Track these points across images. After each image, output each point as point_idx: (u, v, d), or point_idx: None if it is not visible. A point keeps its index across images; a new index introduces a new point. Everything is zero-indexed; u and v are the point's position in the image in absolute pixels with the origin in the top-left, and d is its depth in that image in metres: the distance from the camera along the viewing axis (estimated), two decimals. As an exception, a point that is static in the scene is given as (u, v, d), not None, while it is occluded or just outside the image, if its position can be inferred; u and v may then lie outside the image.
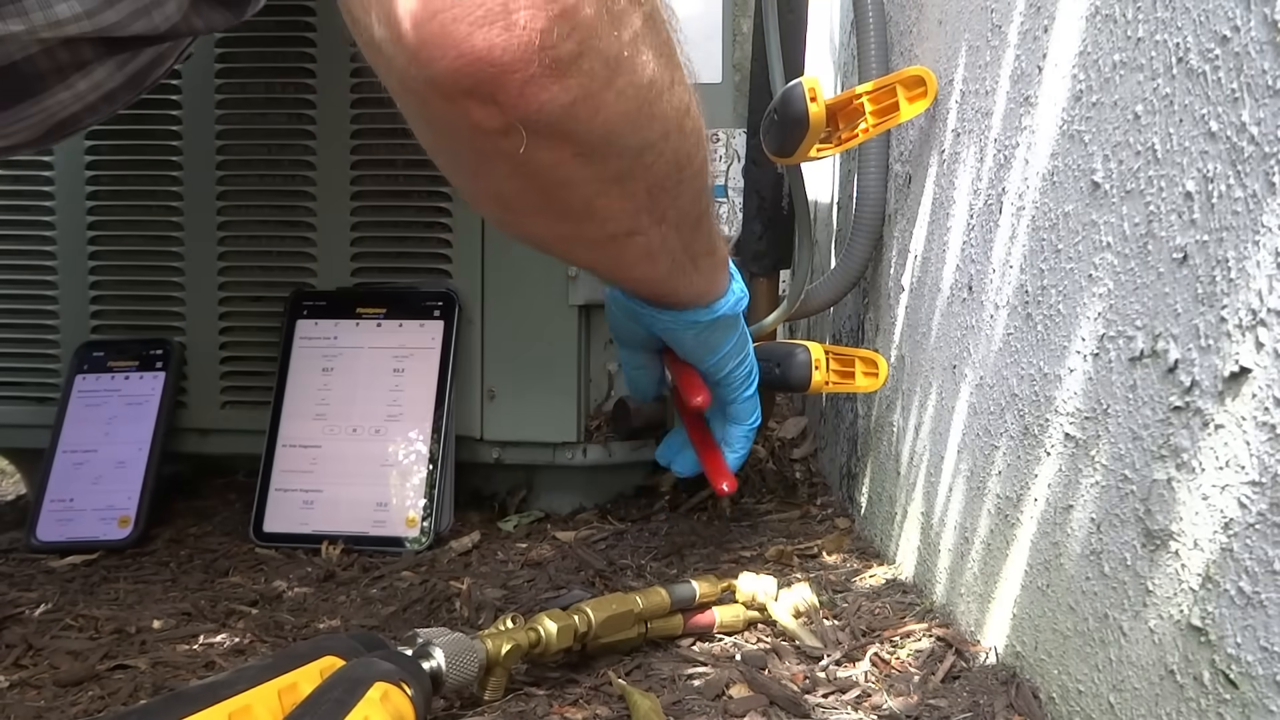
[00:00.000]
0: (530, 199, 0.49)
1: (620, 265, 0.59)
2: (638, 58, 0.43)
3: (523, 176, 0.46)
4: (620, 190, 0.50)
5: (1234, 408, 0.32)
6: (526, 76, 0.38)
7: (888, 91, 0.65)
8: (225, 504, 0.94)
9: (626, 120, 0.44)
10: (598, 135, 0.44)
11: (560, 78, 0.39)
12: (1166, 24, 0.36)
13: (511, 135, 0.41)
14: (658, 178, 0.51)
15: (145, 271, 0.92)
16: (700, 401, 0.69)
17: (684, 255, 0.60)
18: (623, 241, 0.55)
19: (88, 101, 0.58)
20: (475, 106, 0.39)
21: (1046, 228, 0.46)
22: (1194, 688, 0.34)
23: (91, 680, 0.56)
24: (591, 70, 0.40)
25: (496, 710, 0.49)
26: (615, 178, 0.48)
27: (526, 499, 0.94)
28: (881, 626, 0.58)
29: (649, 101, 0.46)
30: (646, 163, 0.49)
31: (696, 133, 0.53)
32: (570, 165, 0.45)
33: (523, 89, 0.39)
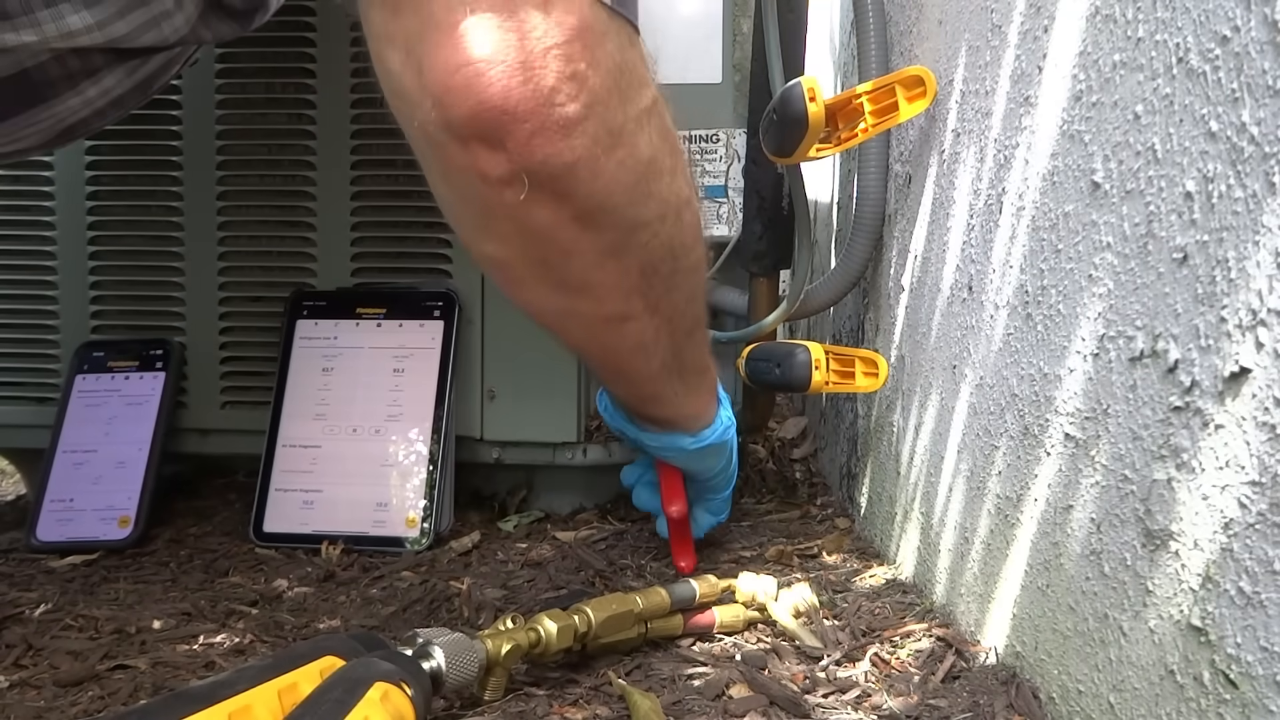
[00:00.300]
0: (530, 264, 0.50)
1: (613, 353, 0.59)
2: (640, 135, 0.46)
3: (524, 237, 0.48)
4: (616, 265, 0.51)
5: (1234, 408, 0.32)
6: (535, 127, 0.41)
7: (887, 91, 0.65)
8: (225, 504, 0.94)
9: (624, 191, 0.47)
10: (596, 200, 0.46)
11: (565, 135, 0.42)
12: (1166, 24, 0.36)
13: (514, 185, 0.43)
14: (652, 259, 0.52)
15: (145, 271, 0.92)
16: (674, 512, 0.70)
17: (674, 361, 0.60)
18: (617, 326, 0.55)
19: (97, 107, 0.59)
20: (484, 153, 0.42)
21: (1046, 228, 0.46)
22: (1194, 688, 0.34)
23: (91, 680, 0.56)
24: (595, 134, 0.43)
25: (496, 710, 0.49)
26: (611, 249, 0.50)
27: (526, 499, 0.94)
28: (881, 626, 0.58)
29: (647, 179, 0.48)
30: (642, 240, 0.51)
31: (694, 229, 0.55)
32: (569, 229, 0.47)
33: (530, 138, 0.41)
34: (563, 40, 0.41)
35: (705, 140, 0.88)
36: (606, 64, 0.42)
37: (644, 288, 0.53)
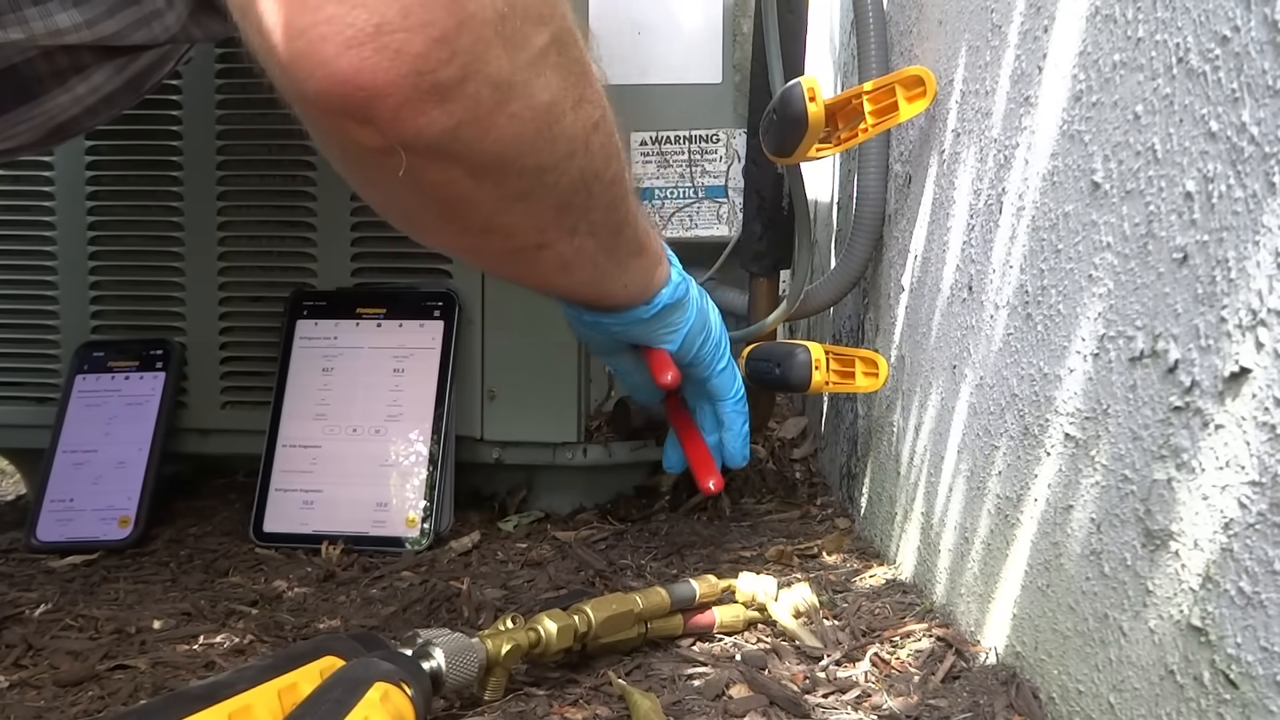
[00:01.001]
0: (429, 214, 0.48)
1: (534, 276, 0.58)
2: (535, 81, 0.42)
3: (416, 193, 0.45)
4: (524, 207, 0.48)
5: (1234, 408, 0.32)
6: (401, 100, 0.37)
7: (887, 91, 0.65)
8: (225, 504, 0.94)
9: (522, 142, 0.43)
10: (491, 157, 0.43)
11: (441, 102, 0.38)
12: (1166, 24, 0.36)
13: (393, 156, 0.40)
14: (564, 194, 0.50)
15: (145, 271, 0.92)
16: (669, 380, 0.67)
17: (607, 261, 0.58)
18: (532, 254, 0.53)
19: (87, 104, 0.59)
20: (353, 126, 0.38)
21: (1046, 228, 0.46)
22: (1194, 688, 0.34)
23: (91, 680, 0.56)
24: (478, 94, 0.39)
25: (496, 710, 0.49)
26: (517, 196, 0.47)
27: (526, 499, 0.94)
28: (881, 626, 0.58)
29: (548, 124, 0.45)
30: (549, 182, 0.48)
31: (605, 148, 0.51)
32: (464, 184, 0.44)
33: (397, 112, 0.37)
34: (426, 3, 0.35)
35: (705, 140, 0.88)
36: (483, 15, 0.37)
37: (558, 220, 0.51)
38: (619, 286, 0.62)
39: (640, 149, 0.88)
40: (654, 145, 0.88)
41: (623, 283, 0.62)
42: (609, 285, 0.61)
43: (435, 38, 0.36)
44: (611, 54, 0.87)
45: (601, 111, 0.49)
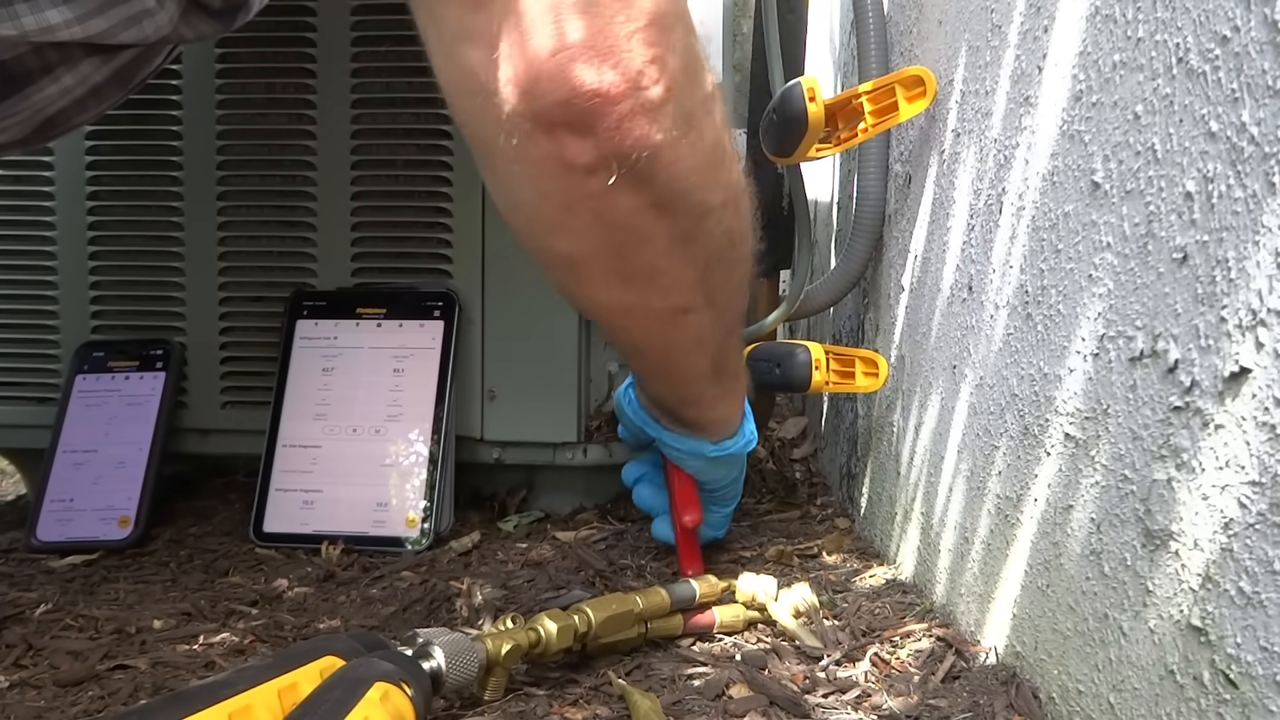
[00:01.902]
0: (604, 257, 0.51)
1: (672, 348, 0.60)
2: (706, 120, 0.47)
3: (603, 226, 0.48)
4: (684, 252, 0.51)
5: (1234, 408, 0.32)
6: (625, 111, 0.42)
7: (886, 91, 0.65)
8: (225, 504, 0.94)
9: (697, 174, 0.48)
10: (674, 185, 0.47)
11: (651, 118, 0.43)
12: (1166, 24, 0.36)
13: (600, 172, 0.44)
14: (716, 247, 0.53)
15: (145, 271, 0.92)
16: (689, 521, 0.69)
17: (719, 359, 0.61)
18: (680, 318, 0.56)
19: (75, 97, 0.59)
20: (572, 141, 0.43)
21: (1046, 228, 0.46)
22: (1194, 688, 0.34)
23: (91, 680, 0.56)
24: (675, 117, 0.44)
25: (496, 710, 0.49)
26: (682, 236, 0.50)
27: (526, 499, 0.94)
28: (881, 626, 0.58)
29: (714, 164, 0.49)
30: (708, 227, 0.51)
31: (749, 218, 0.55)
32: (647, 215, 0.48)
33: (621, 122, 0.42)
34: (644, 24, 0.42)
35: (705, 140, 0.88)
36: (679, 47, 0.43)
37: (706, 277, 0.54)
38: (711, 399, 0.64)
39: (640, 149, 0.88)
40: (654, 145, 0.88)
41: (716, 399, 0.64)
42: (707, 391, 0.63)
43: (650, 59, 0.42)
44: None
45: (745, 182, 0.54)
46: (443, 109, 0.87)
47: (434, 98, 0.87)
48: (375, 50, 0.87)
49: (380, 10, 0.87)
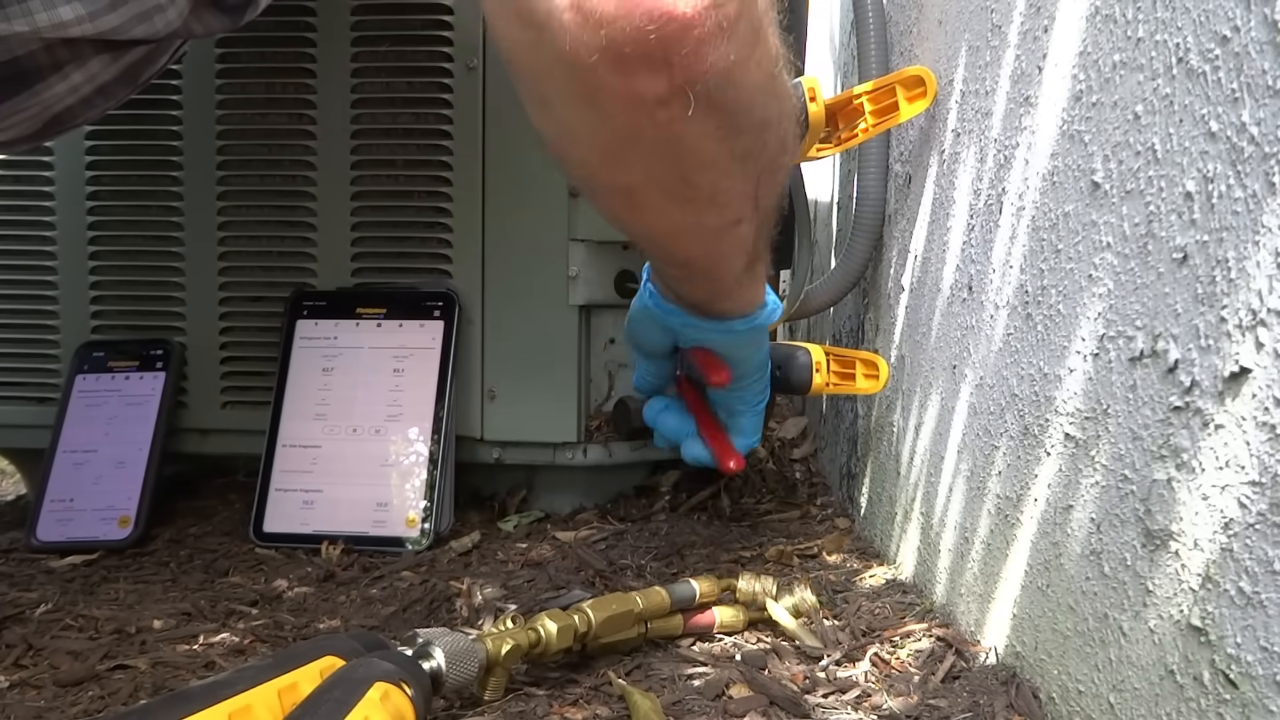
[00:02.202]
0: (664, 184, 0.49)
1: (720, 256, 0.59)
2: (769, 29, 0.44)
3: (670, 154, 0.46)
4: (743, 170, 0.50)
5: (1234, 408, 0.32)
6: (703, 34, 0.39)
7: (887, 91, 0.65)
8: (225, 504, 0.94)
9: (761, 91, 0.45)
10: (742, 105, 0.44)
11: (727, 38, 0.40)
12: (1166, 24, 0.36)
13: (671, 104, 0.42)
14: (770, 160, 0.51)
15: (145, 271, 0.92)
16: (723, 379, 0.68)
17: (756, 251, 0.60)
18: (732, 230, 0.55)
19: (83, 94, 0.59)
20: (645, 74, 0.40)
21: (1046, 228, 0.46)
22: (1194, 688, 0.34)
23: (91, 680, 0.56)
24: (745, 35, 0.41)
25: (496, 710, 0.49)
26: (743, 154, 0.49)
27: (526, 499, 0.94)
28: (881, 626, 0.58)
29: (774, 76, 0.46)
30: (765, 140, 0.49)
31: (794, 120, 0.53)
32: (713, 139, 0.46)
33: (698, 47, 0.40)
34: None
35: (705, 140, 0.88)
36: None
37: (758, 189, 0.52)
38: (744, 289, 0.63)
39: (640, 149, 0.88)
40: (654, 145, 0.88)
41: (747, 287, 0.63)
42: (742, 283, 0.63)
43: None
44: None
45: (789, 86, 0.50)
46: (443, 109, 0.87)
47: (434, 98, 0.87)
48: (375, 50, 0.87)
49: (380, 10, 0.87)
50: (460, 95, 0.87)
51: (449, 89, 0.87)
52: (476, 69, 0.86)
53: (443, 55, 0.86)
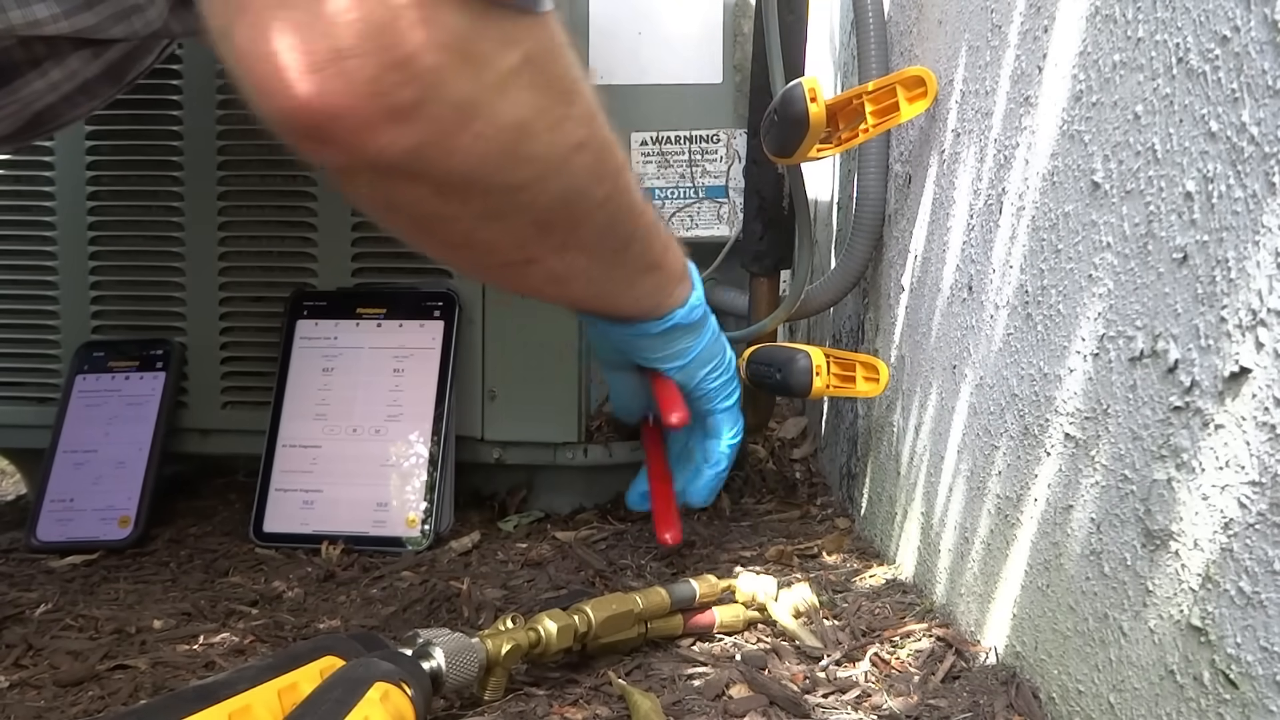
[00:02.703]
0: (405, 230, 0.49)
1: (526, 287, 0.58)
2: (502, 102, 0.42)
3: (389, 210, 0.46)
4: (500, 226, 0.49)
5: (1234, 408, 0.32)
6: (359, 122, 0.37)
7: (888, 92, 0.65)
8: (225, 504, 0.94)
9: (488, 161, 0.43)
10: (456, 176, 0.43)
11: (399, 123, 0.38)
12: (1166, 24, 0.36)
13: (359, 174, 0.41)
14: (543, 213, 0.50)
15: (145, 271, 0.92)
16: (676, 420, 0.66)
17: (608, 277, 0.58)
18: (520, 268, 0.53)
19: (63, 92, 0.58)
20: (317, 147, 0.39)
21: (1046, 228, 0.46)
22: (1194, 688, 0.34)
23: (91, 680, 0.56)
24: (439, 114, 0.39)
25: (496, 710, 0.49)
26: (489, 214, 0.47)
27: (526, 499, 0.94)
28: (881, 626, 0.58)
29: (516, 144, 0.44)
30: (524, 201, 0.48)
31: (593, 168, 0.50)
32: (432, 202, 0.44)
33: (357, 134, 0.38)
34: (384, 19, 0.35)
35: (706, 140, 0.88)
36: (444, 36, 0.37)
37: (541, 237, 0.51)
38: (628, 300, 0.62)
39: (640, 149, 0.88)
40: (654, 145, 0.88)
41: (632, 296, 0.62)
42: (615, 299, 0.61)
43: (391, 62, 0.36)
44: (611, 54, 0.87)
45: (588, 130, 0.48)
46: (443, 109, 0.87)
47: (434, 98, 0.87)
48: (375, 50, 0.87)
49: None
50: (460, 95, 0.86)
51: (449, 89, 0.87)
52: (476, 69, 0.86)
53: (443, 55, 0.86)
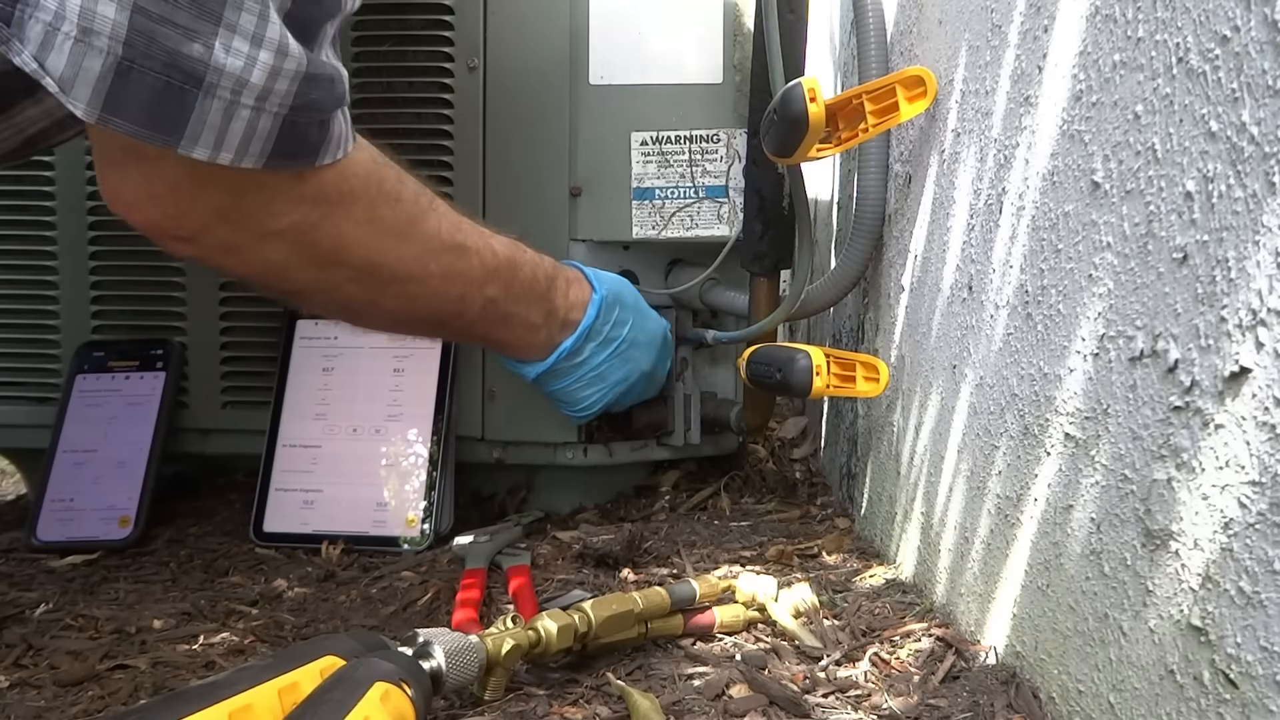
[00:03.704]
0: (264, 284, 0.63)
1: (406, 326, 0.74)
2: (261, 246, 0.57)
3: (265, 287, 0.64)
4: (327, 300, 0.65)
5: (1234, 408, 0.32)
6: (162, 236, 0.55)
7: (887, 91, 0.65)
8: (225, 504, 0.94)
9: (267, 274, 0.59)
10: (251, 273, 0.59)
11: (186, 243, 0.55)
12: (1166, 24, 0.36)
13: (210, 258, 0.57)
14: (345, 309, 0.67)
15: (146, 272, 0.92)
16: None
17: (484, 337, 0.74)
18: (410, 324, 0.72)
19: (56, 117, 0.61)
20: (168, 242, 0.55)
21: (1046, 228, 0.46)
22: (1194, 688, 0.34)
23: (91, 680, 0.56)
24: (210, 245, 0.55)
25: (496, 710, 0.49)
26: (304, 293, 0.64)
27: (526, 499, 0.94)
28: (881, 626, 0.58)
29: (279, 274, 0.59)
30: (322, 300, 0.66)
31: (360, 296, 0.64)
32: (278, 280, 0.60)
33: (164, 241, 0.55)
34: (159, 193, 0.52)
35: (706, 140, 0.88)
36: (203, 210, 0.53)
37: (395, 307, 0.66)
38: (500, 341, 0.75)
39: (640, 149, 0.88)
40: (654, 145, 0.88)
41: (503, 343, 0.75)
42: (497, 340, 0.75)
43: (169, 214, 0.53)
44: (611, 54, 0.87)
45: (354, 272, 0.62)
46: (443, 109, 0.87)
47: (434, 98, 0.87)
48: (376, 50, 0.87)
49: (380, 10, 0.87)
50: (460, 95, 0.87)
51: (449, 89, 0.87)
52: (477, 69, 0.86)
53: (443, 55, 0.86)
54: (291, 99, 0.51)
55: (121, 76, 0.46)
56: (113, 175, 0.53)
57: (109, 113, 0.47)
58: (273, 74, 0.49)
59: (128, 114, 0.47)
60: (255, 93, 0.49)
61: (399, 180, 0.63)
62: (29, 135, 0.61)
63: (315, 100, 0.52)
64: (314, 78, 0.52)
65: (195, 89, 0.47)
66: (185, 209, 0.53)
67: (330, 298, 0.64)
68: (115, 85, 0.46)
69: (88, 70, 0.45)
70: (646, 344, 0.81)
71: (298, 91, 0.51)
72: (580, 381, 0.78)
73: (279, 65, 0.49)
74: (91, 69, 0.45)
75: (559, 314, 0.75)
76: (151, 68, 0.46)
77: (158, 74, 0.47)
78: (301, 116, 0.52)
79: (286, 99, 0.50)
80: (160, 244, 0.56)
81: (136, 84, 0.46)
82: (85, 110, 0.46)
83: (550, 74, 0.86)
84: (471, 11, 0.86)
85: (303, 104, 0.52)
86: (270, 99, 0.50)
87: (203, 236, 0.55)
